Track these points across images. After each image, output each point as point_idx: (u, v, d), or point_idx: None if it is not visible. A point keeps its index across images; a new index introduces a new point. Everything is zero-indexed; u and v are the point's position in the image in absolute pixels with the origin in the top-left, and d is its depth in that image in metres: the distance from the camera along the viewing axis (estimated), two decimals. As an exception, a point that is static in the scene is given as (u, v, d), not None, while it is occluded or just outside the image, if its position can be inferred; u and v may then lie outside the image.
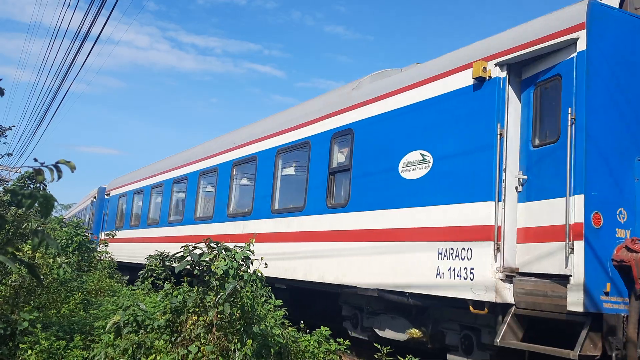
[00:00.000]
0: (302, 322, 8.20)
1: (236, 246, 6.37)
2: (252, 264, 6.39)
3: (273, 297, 7.12)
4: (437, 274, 7.15)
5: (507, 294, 6.48)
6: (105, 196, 25.14)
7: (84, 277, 11.80)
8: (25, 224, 9.87)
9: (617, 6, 6.87)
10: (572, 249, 5.90)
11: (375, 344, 6.84)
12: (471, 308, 6.73)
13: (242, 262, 6.21)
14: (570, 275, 5.87)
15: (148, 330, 6.25)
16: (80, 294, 10.31)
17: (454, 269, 6.93)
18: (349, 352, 8.16)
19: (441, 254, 7.15)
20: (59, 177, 2.36)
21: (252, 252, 6.39)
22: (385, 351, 6.54)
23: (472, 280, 6.67)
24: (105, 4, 9.62)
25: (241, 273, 6.16)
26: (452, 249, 7.03)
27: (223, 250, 6.28)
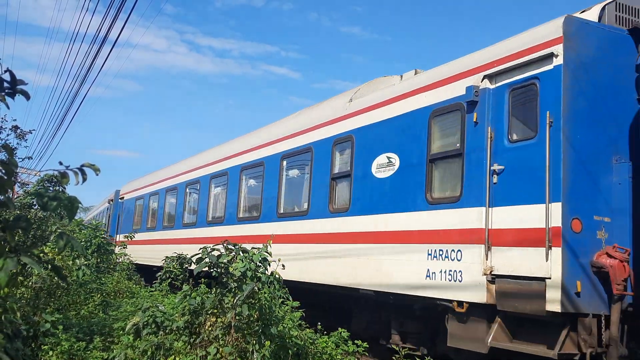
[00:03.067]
0: (319, 323, 8.20)
1: (254, 247, 6.40)
2: (269, 266, 6.40)
3: (290, 298, 7.13)
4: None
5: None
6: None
7: (103, 279, 11.91)
8: (45, 226, 9.99)
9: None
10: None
11: (394, 346, 6.82)
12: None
13: (260, 264, 6.24)
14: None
15: (167, 331, 6.29)
16: (99, 295, 10.41)
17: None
18: (366, 354, 8.15)
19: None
20: (84, 180, 2.39)
21: (270, 254, 6.41)
22: (403, 353, 6.52)
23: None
24: (124, 8, 9.71)
25: (259, 274, 6.19)
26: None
27: (241, 252, 6.31)
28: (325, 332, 7.72)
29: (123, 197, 24.97)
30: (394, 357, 6.68)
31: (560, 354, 5.72)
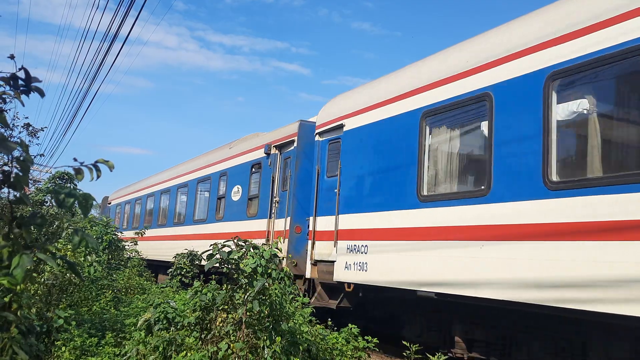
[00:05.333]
0: (329, 319, 8.22)
1: (263, 244, 6.42)
2: (280, 262, 6.43)
3: (301, 294, 7.16)
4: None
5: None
6: None
7: (114, 275, 12.00)
8: (60, 223, 10.07)
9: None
10: None
11: (404, 342, 6.82)
12: None
13: (270, 260, 6.26)
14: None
15: (178, 327, 6.33)
16: (110, 292, 10.49)
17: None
18: (377, 349, 8.16)
19: None
20: (98, 177, 2.41)
21: (280, 250, 6.44)
22: (414, 349, 6.53)
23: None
24: (134, 5, 9.75)
25: (269, 271, 6.21)
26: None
27: (251, 249, 6.33)
28: (335, 328, 7.74)
29: (342, 126, 10.36)
30: (404, 353, 6.69)
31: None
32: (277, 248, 6.40)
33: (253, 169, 13.99)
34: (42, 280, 7.98)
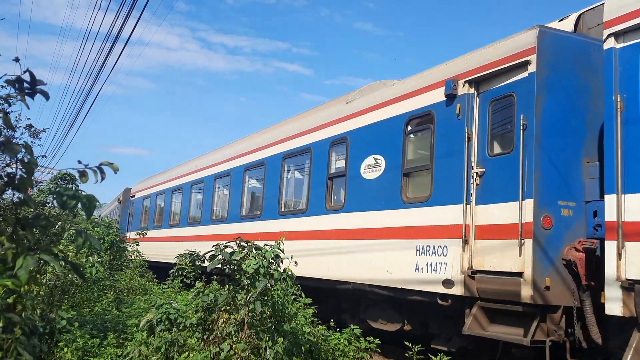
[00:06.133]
0: (332, 320, 8.22)
1: (266, 244, 6.42)
2: (282, 262, 6.43)
3: (303, 295, 7.16)
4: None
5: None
6: None
7: (116, 276, 12.01)
8: (63, 224, 10.09)
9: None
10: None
11: (406, 342, 6.82)
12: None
13: (272, 261, 6.26)
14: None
15: (180, 328, 6.33)
16: (112, 292, 10.50)
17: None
18: (379, 350, 8.16)
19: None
20: (102, 179, 2.42)
21: (282, 251, 6.43)
22: (416, 349, 6.53)
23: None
24: (136, 5, 9.76)
25: (271, 271, 6.21)
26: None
27: (253, 249, 6.33)
28: (337, 329, 7.75)
29: None
30: (407, 354, 6.69)
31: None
32: (278, 249, 6.38)
33: (410, 127, 8.81)
34: (44, 281, 8.00)
